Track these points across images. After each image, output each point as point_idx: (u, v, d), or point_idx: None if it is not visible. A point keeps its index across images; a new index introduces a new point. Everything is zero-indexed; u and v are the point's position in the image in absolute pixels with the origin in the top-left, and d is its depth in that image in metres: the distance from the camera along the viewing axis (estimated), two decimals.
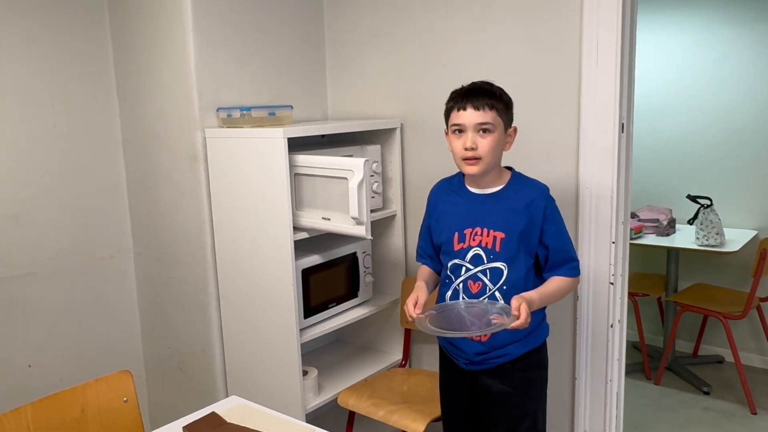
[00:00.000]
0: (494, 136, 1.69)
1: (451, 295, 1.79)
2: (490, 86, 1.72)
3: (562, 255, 1.77)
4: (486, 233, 1.75)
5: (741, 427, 3.02)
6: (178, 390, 2.65)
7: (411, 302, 1.72)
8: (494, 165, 1.73)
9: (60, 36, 2.41)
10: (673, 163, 3.80)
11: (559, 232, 1.76)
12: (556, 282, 1.77)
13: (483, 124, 1.68)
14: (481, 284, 1.75)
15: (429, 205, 1.93)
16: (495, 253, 1.73)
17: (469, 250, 1.76)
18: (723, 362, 3.72)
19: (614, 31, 2.00)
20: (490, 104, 1.68)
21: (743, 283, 3.59)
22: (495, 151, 1.70)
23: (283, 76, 2.58)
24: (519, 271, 1.73)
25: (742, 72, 3.55)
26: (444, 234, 1.82)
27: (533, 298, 1.67)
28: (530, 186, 1.78)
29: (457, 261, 1.78)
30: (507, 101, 1.73)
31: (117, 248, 2.66)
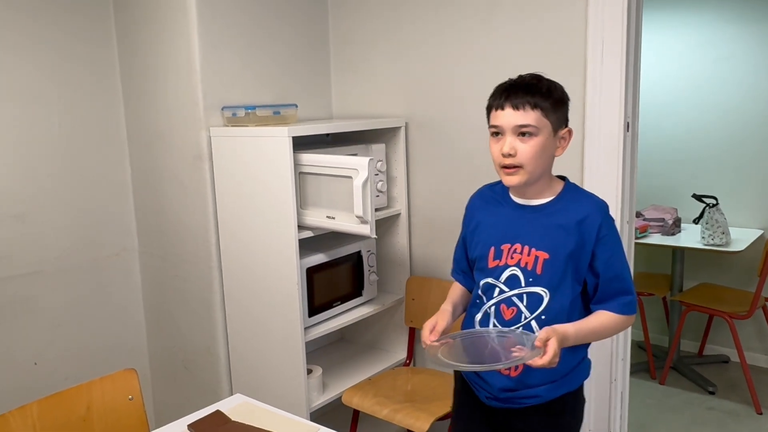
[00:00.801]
0: (538, 140, 1.43)
1: (481, 318, 1.55)
2: (538, 80, 1.47)
3: (615, 286, 1.49)
4: (527, 251, 1.49)
5: (746, 427, 3.01)
6: (183, 388, 2.66)
7: (428, 327, 1.51)
8: (539, 174, 1.48)
9: (66, 36, 2.42)
10: (679, 162, 3.79)
11: (614, 258, 1.48)
12: (601, 317, 1.49)
13: (523, 126, 1.43)
14: (515, 310, 1.49)
15: (466, 214, 1.69)
16: (535, 276, 1.48)
17: (505, 269, 1.51)
18: (728, 362, 3.71)
19: (619, 30, 1.99)
20: (533, 103, 1.43)
21: (749, 282, 3.58)
22: (539, 157, 1.44)
23: (287, 75, 2.59)
24: (563, 299, 1.47)
25: (748, 71, 3.54)
26: (479, 248, 1.58)
27: (568, 333, 1.41)
28: (585, 200, 1.51)
29: (490, 280, 1.53)
30: (558, 98, 1.47)
31: (122, 247, 2.67)
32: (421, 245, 2.60)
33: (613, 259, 1.48)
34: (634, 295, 1.51)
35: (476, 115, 2.33)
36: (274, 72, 2.53)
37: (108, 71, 2.56)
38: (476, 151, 2.36)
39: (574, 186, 1.57)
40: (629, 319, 1.51)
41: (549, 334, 1.35)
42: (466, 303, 1.68)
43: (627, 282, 1.51)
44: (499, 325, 1.51)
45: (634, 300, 1.51)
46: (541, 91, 1.44)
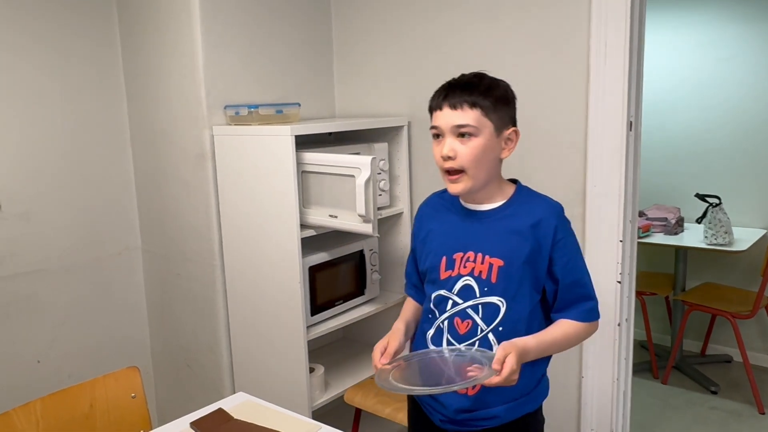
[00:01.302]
0: (478, 141, 1.35)
1: (433, 335, 1.45)
2: (478, 78, 1.39)
3: (576, 292, 1.41)
4: (480, 259, 1.40)
5: (749, 427, 3.01)
6: (185, 386, 2.66)
7: (379, 349, 1.41)
8: (485, 179, 1.39)
9: (69, 35, 2.42)
10: (682, 161, 3.79)
11: (572, 262, 1.41)
12: (564, 327, 1.41)
13: (461, 126, 1.35)
14: (470, 323, 1.40)
15: (415, 225, 1.60)
16: (490, 285, 1.38)
17: (458, 279, 1.41)
18: (731, 362, 3.71)
19: (622, 29, 1.99)
20: (471, 102, 1.34)
21: (751, 282, 3.57)
22: (481, 159, 1.36)
23: (290, 74, 2.59)
24: (521, 309, 1.39)
25: (752, 71, 3.53)
26: (429, 259, 1.48)
27: (528, 347, 1.33)
28: (538, 202, 1.44)
29: (442, 292, 1.43)
30: (500, 96, 1.38)
31: (125, 245, 2.68)
32: None
33: (572, 263, 1.41)
34: (595, 300, 1.44)
35: None
36: (276, 71, 2.53)
37: (111, 70, 2.57)
38: None
39: (526, 189, 1.48)
40: (593, 325, 1.44)
41: (507, 350, 1.26)
42: (420, 319, 1.57)
43: (587, 287, 1.43)
44: (453, 340, 1.41)
45: (596, 305, 1.44)
46: (480, 89, 1.36)
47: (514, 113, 1.42)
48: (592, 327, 1.45)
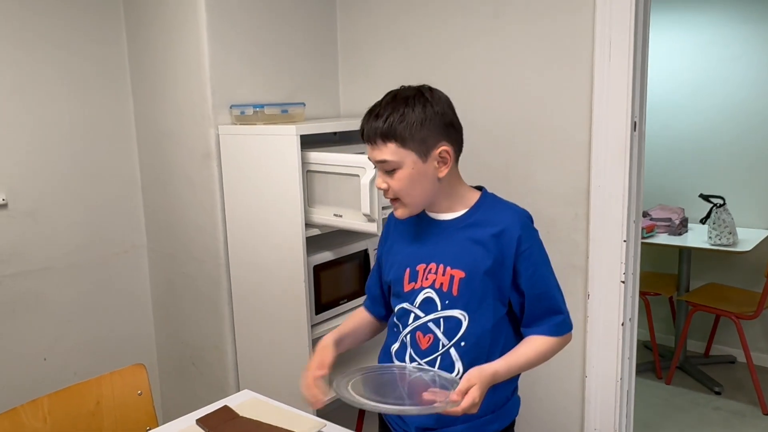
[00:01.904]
0: (403, 173, 1.29)
1: (398, 349, 1.40)
2: (392, 105, 1.30)
3: (543, 305, 1.35)
4: (441, 270, 1.34)
5: (753, 427, 3.01)
6: (190, 384, 2.68)
7: (314, 363, 1.37)
8: (428, 199, 1.35)
9: (76, 34, 2.44)
10: (686, 162, 3.79)
11: (539, 273, 1.34)
12: (534, 344, 1.34)
13: (381, 162, 1.31)
14: (432, 338, 1.34)
15: (381, 235, 1.54)
16: (452, 298, 1.32)
17: (420, 292, 1.35)
18: (735, 362, 3.71)
19: (627, 29, 1.99)
20: (383, 135, 1.28)
21: (755, 283, 3.57)
22: (413, 189, 1.31)
23: (295, 73, 2.60)
24: (484, 323, 1.32)
25: (755, 71, 3.53)
26: (393, 270, 1.42)
27: (498, 373, 1.27)
28: (502, 210, 1.36)
29: (405, 305, 1.38)
30: (416, 120, 1.27)
31: (131, 244, 2.69)
32: None
33: (538, 275, 1.34)
34: (565, 314, 1.36)
35: (482, 116, 2.34)
36: (281, 71, 2.54)
37: (117, 69, 2.58)
38: (481, 152, 2.36)
39: (491, 196, 1.41)
40: (565, 338, 1.37)
41: (471, 382, 1.20)
42: (367, 332, 1.54)
43: (555, 299, 1.35)
44: (416, 356, 1.35)
45: (567, 318, 1.37)
46: (393, 117, 1.27)
47: (441, 128, 1.31)
48: (563, 340, 1.37)
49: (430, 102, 1.30)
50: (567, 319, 1.37)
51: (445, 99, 1.35)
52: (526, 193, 2.25)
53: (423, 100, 1.30)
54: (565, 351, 2.07)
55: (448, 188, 1.36)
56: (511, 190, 2.28)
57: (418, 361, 1.35)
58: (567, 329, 1.37)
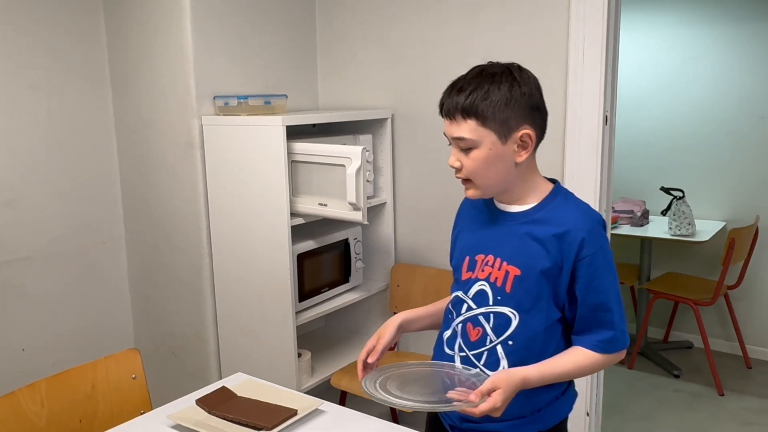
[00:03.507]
0: (479, 153, 1.24)
1: (449, 337, 1.37)
2: (477, 78, 1.24)
3: (597, 317, 1.26)
4: (498, 265, 1.29)
5: (710, 407, 3.18)
6: (170, 373, 2.69)
7: (365, 351, 1.36)
8: (500, 186, 1.30)
9: (54, 24, 2.42)
10: (647, 156, 3.95)
11: (597, 283, 1.25)
12: (576, 356, 1.27)
13: (458, 140, 1.26)
14: (481, 331, 1.31)
15: (456, 217, 1.51)
16: (504, 294, 1.28)
17: (475, 282, 1.32)
18: (692, 347, 3.89)
19: (600, 28, 2.10)
20: (464, 111, 1.23)
21: (712, 271, 3.76)
22: (486, 170, 1.25)
23: (275, 66, 2.63)
24: (536, 324, 1.27)
25: (715, 70, 3.71)
26: (455, 257, 1.42)
27: (529, 378, 1.22)
28: (571, 209, 1.28)
29: (460, 294, 1.36)
30: (500, 100, 1.21)
31: (110, 234, 2.69)
32: (406, 234, 2.68)
33: (596, 284, 1.25)
34: (616, 331, 1.26)
35: None
36: (262, 64, 2.58)
37: (96, 59, 2.57)
38: None
39: (564, 192, 1.34)
40: (610, 358, 1.28)
41: (495, 384, 1.17)
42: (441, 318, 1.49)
43: (611, 314, 1.26)
44: (465, 346, 1.32)
45: (617, 337, 1.26)
46: (476, 94, 1.22)
47: (526, 110, 1.24)
48: (609, 359, 1.28)
49: (517, 81, 1.24)
50: (619, 337, 1.27)
51: (534, 80, 1.28)
52: None
53: (510, 79, 1.24)
54: None
55: (523, 176, 1.30)
56: None
57: (466, 352, 1.32)
58: (617, 348, 1.28)
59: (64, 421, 1.57)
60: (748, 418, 3.07)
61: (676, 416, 3.10)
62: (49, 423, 1.54)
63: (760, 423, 3.02)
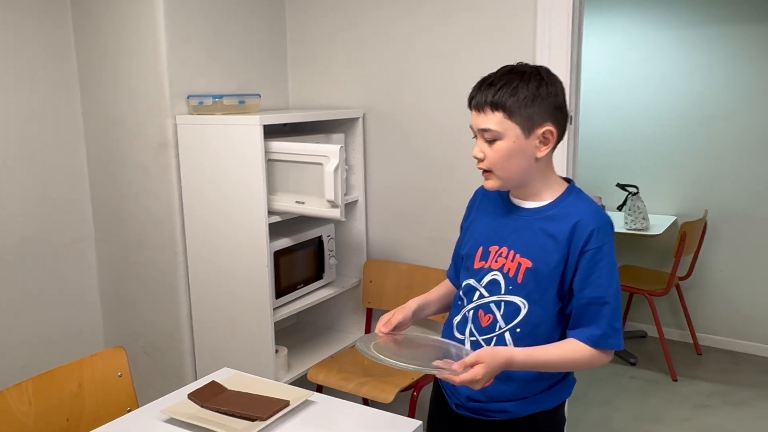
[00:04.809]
0: (503, 144, 1.32)
1: (459, 322, 1.45)
2: (507, 77, 1.32)
3: (591, 311, 1.32)
4: (511, 257, 1.37)
5: (665, 392, 3.34)
6: (143, 373, 2.67)
7: (384, 319, 1.44)
8: (520, 179, 1.37)
9: (19, 20, 2.38)
10: (603, 154, 4.11)
11: (596, 276, 1.31)
12: (565, 347, 1.33)
13: (484, 131, 1.33)
14: (491, 318, 1.39)
15: (468, 207, 1.58)
16: (515, 284, 1.36)
17: (488, 272, 1.40)
18: (645, 336, 4.07)
19: (565, 31, 2.20)
20: (493, 104, 1.31)
21: (664, 263, 3.94)
22: (508, 162, 1.33)
23: (247, 65, 2.65)
24: (543, 314, 1.35)
25: (667, 72, 3.88)
26: (468, 245, 1.48)
27: (513, 359, 1.28)
28: (582, 207, 1.35)
29: (472, 282, 1.43)
30: (528, 96, 1.29)
31: (78, 235, 2.66)
32: (378, 230, 2.74)
33: (595, 277, 1.31)
34: (608, 329, 1.31)
35: (431, 107, 2.49)
36: (236, 62, 2.59)
37: (64, 57, 2.54)
38: (430, 142, 2.52)
39: (577, 191, 1.41)
40: (599, 355, 1.32)
41: (479, 358, 1.24)
42: (445, 303, 1.59)
43: (607, 309, 1.31)
44: (476, 331, 1.41)
45: (609, 334, 1.31)
46: (506, 89, 1.30)
47: (551, 109, 1.32)
48: (599, 356, 1.33)
49: (545, 81, 1.33)
50: (611, 334, 1.32)
51: (560, 83, 1.36)
52: (473, 185, 2.41)
53: (539, 78, 1.32)
54: None
55: (542, 171, 1.37)
56: (458, 182, 2.46)
57: (476, 337, 1.40)
58: (608, 344, 1.32)
59: (52, 420, 1.57)
60: (700, 402, 3.24)
61: (633, 402, 3.25)
62: (36, 422, 1.54)
63: (711, 405, 3.20)
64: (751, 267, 3.77)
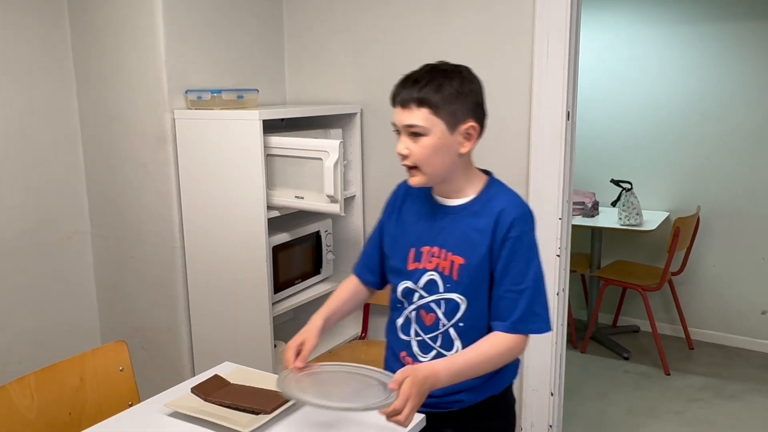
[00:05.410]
0: (429, 140, 1.33)
1: (402, 324, 1.48)
2: (431, 74, 1.34)
3: (509, 298, 1.35)
4: (443, 255, 1.40)
5: (658, 386, 3.38)
6: (140, 368, 2.66)
7: (293, 349, 1.40)
8: (443, 174, 1.38)
9: (15, 13, 2.37)
10: (597, 151, 4.13)
11: (516, 265, 1.35)
12: (481, 347, 1.34)
13: (410, 126, 1.34)
14: (434, 317, 1.42)
15: (389, 204, 1.57)
16: (452, 282, 1.39)
17: (424, 273, 1.42)
18: (638, 331, 4.11)
19: (563, 27, 2.21)
20: (418, 100, 1.32)
21: (657, 259, 3.97)
22: (435, 158, 1.34)
23: (244, 60, 2.65)
24: (481, 306, 1.39)
25: (659, 69, 3.91)
26: (398, 247, 1.48)
27: (436, 372, 1.27)
28: (503, 198, 1.39)
29: (408, 284, 1.45)
30: (452, 92, 1.32)
31: (74, 229, 2.65)
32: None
33: (514, 265, 1.34)
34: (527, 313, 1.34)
35: None
36: (233, 57, 2.59)
37: (60, 51, 2.53)
38: None
39: (497, 183, 1.44)
40: (518, 341, 1.35)
41: (405, 373, 1.22)
42: (356, 304, 1.59)
43: (525, 296, 1.34)
44: (420, 331, 1.44)
45: (528, 318, 1.34)
46: (430, 86, 1.32)
47: (472, 105, 1.36)
48: (518, 342, 1.35)
49: (467, 79, 1.36)
50: (528, 319, 1.34)
51: (480, 82, 1.40)
52: None
53: (461, 76, 1.36)
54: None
55: (464, 166, 1.40)
56: None
57: (422, 336, 1.44)
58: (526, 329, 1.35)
59: (54, 414, 1.57)
60: (692, 395, 3.28)
61: (627, 395, 3.28)
62: (39, 416, 1.54)
63: (703, 399, 3.24)
64: (742, 263, 3.81)
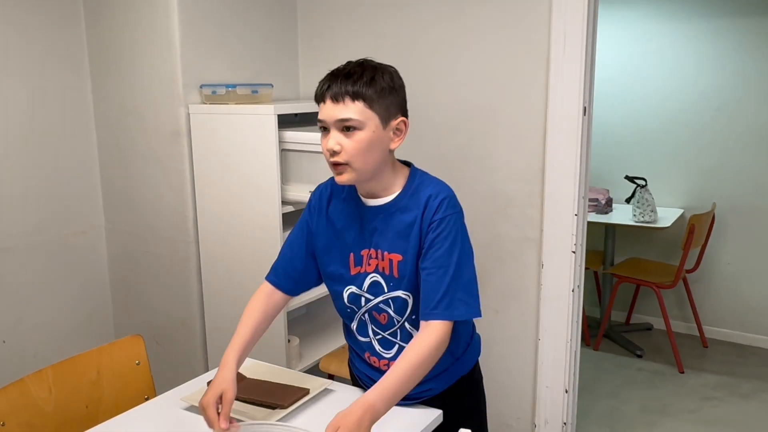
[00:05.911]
0: (363, 134, 1.29)
1: (358, 327, 1.48)
2: (362, 68, 1.31)
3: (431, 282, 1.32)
4: (381, 256, 1.39)
5: (672, 384, 3.36)
6: (154, 362, 2.67)
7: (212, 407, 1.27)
8: (373, 170, 1.34)
9: (31, 8, 2.38)
10: (611, 147, 4.10)
11: (439, 248, 1.32)
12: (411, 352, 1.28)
13: (344, 120, 1.29)
14: (387, 316, 1.42)
15: (312, 209, 1.50)
16: (394, 280, 1.38)
17: (366, 276, 1.41)
18: (652, 329, 4.08)
19: (581, 22, 2.19)
20: (353, 94, 1.28)
21: (671, 256, 3.95)
22: (367, 153, 1.30)
23: (258, 54, 2.64)
24: None
25: (675, 64, 3.88)
26: (336, 254, 1.44)
27: (373, 405, 1.20)
28: (426, 188, 1.37)
29: (353, 289, 1.43)
30: (385, 87, 1.31)
31: (89, 223, 2.66)
32: None
33: (434, 251, 1.32)
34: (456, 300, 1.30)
35: (444, 98, 2.48)
36: (245, 53, 2.58)
37: (75, 47, 2.54)
38: (442, 132, 2.51)
39: (419, 174, 1.42)
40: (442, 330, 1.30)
41: (337, 424, 1.16)
42: (267, 325, 1.50)
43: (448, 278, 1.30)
44: (378, 329, 1.45)
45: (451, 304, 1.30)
46: (363, 79, 1.29)
47: (402, 102, 1.36)
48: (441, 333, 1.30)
49: (396, 75, 1.36)
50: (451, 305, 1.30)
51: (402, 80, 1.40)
52: (485, 172, 2.42)
53: (390, 72, 1.35)
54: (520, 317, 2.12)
55: (390, 163, 1.38)
56: (470, 169, 2.45)
57: (381, 334, 1.44)
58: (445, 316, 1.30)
59: (71, 407, 1.58)
60: (706, 394, 3.25)
61: (640, 393, 3.26)
62: (56, 409, 1.54)
63: (717, 398, 3.21)
64: (758, 260, 3.78)
